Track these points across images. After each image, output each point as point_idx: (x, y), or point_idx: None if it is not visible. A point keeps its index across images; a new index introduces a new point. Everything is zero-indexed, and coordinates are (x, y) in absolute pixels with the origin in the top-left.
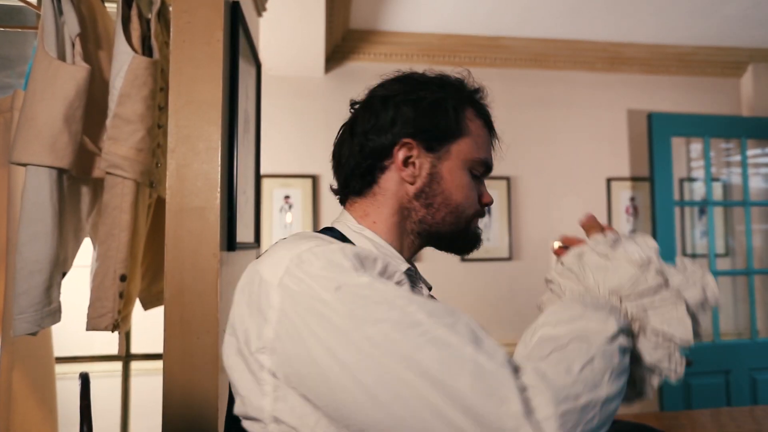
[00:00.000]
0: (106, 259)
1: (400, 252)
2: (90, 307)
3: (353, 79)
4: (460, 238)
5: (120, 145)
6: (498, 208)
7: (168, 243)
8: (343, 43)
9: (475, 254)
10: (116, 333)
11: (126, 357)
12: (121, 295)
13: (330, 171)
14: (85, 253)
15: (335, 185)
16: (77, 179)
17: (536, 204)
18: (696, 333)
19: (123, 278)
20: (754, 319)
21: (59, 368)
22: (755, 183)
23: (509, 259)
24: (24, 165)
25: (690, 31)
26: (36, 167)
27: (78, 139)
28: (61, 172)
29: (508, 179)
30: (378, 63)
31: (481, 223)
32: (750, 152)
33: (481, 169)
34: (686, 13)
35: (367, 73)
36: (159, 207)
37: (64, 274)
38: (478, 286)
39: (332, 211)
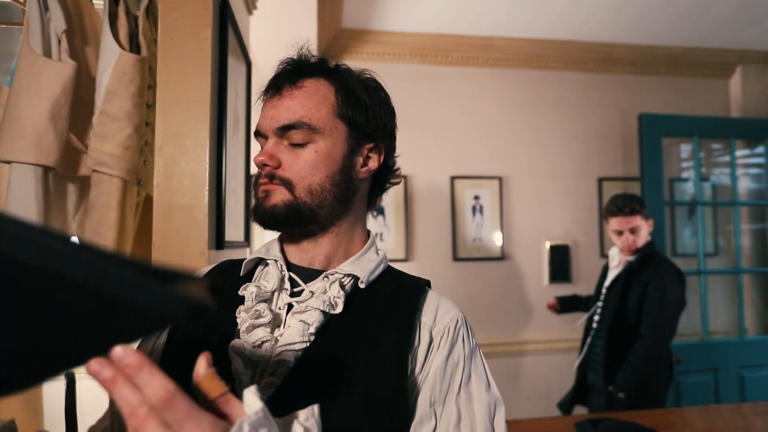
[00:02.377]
0: None
1: None
2: None
3: None
4: None
5: (107, 143)
6: (490, 207)
7: (156, 241)
8: (335, 43)
9: (467, 253)
10: None
11: None
12: None
13: None
14: None
15: None
16: (63, 177)
17: (528, 203)
18: None
19: None
20: (742, 317)
21: None
22: (744, 183)
23: (501, 258)
24: (8, 162)
25: (680, 33)
26: (21, 165)
27: (64, 136)
28: (46, 169)
29: (500, 179)
30: (370, 62)
31: (473, 222)
32: (739, 153)
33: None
34: (676, 15)
35: None
36: (147, 205)
37: None
38: (470, 285)
39: None
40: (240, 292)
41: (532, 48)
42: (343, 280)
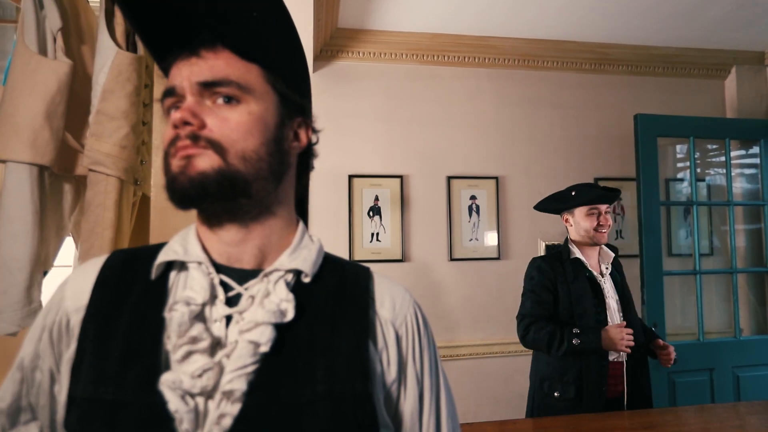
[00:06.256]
0: (89, 257)
1: None
2: None
3: (341, 78)
4: None
5: (103, 142)
6: (486, 207)
7: (153, 241)
8: (331, 42)
9: (463, 253)
10: None
11: None
12: None
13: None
14: (68, 252)
15: None
16: (59, 176)
17: (524, 204)
18: None
19: None
20: (737, 317)
21: None
22: (739, 183)
23: (497, 258)
24: (3, 162)
25: (675, 34)
26: (16, 164)
27: (60, 135)
28: (42, 168)
29: (496, 179)
30: (366, 62)
31: (470, 222)
32: (734, 153)
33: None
34: (671, 16)
35: (355, 72)
36: (144, 205)
37: (45, 273)
38: (466, 285)
39: (327, 208)
40: (166, 314)
41: (528, 48)
42: (287, 278)
